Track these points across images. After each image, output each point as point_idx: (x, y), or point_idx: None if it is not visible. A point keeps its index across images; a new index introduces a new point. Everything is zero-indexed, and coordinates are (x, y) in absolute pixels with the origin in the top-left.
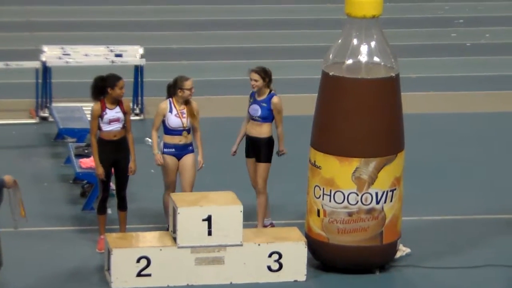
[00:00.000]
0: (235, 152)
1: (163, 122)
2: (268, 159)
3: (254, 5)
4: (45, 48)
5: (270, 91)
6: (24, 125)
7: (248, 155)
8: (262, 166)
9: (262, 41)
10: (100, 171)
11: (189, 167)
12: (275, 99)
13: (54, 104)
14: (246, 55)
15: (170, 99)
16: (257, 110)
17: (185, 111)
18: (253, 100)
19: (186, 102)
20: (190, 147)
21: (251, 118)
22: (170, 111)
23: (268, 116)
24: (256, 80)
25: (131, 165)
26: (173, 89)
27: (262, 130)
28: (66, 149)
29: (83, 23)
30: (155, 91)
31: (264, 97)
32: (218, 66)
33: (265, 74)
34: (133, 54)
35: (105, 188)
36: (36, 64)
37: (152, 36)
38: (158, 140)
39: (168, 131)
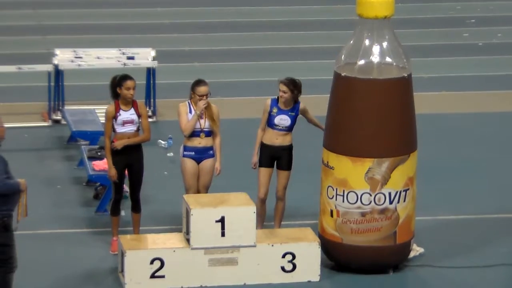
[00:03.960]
0: (256, 163)
1: None
2: (290, 167)
3: (266, 7)
4: (57, 51)
5: (296, 101)
6: (37, 128)
7: (265, 164)
8: (285, 174)
9: (274, 43)
10: (113, 173)
11: (206, 171)
12: (302, 106)
13: (66, 107)
14: (258, 56)
15: (189, 100)
16: (286, 121)
17: (203, 112)
18: (278, 110)
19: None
20: (211, 151)
21: (273, 127)
22: (190, 111)
23: (293, 125)
24: (284, 92)
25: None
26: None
27: (286, 138)
28: (79, 152)
29: (95, 26)
30: (167, 93)
31: (291, 106)
32: (230, 68)
33: (294, 87)
34: (145, 56)
35: (118, 190)
36: (48, 67)
37: (164, 38)
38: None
39: None
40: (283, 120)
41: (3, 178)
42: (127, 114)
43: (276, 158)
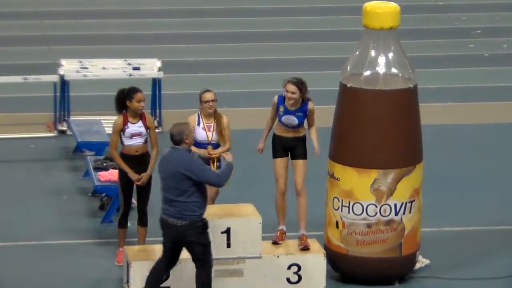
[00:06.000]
0: (262, 149)
1: None
2: (306, 156)
3: (271, 18)
4: (63, 61)
5: (303, 100)
6: (43, 139)
7: (279, 155)
8: (301, 163)
9: (280, 53)
10: (136, 176)
11: None
12: (310, 105)
13: (72, 118)
14: (263, 67)
15: (199, 112)
16: (293, 121)
17: (212, 125)
18: (284, 109)
19: (216, 117)
20: (218, 163)
21: (282, 124)
22: (198, 124)
23: (302, 122)
24: (293, 92)
25: (143, 174)
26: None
27: (298, 131)
28: (85, 162)
29: (100, 37)
30: (173, 104)
31: (298, 106)
32: (235, 78)
33: (302, 85)
34: (151, 67)
35: (127, 202)
36: (54, 78)
37: (169, 49)
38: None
39: (196, 144)
40: (290, 119)
41: (215, 174)
42: (135, 127)
43: (290, 149)
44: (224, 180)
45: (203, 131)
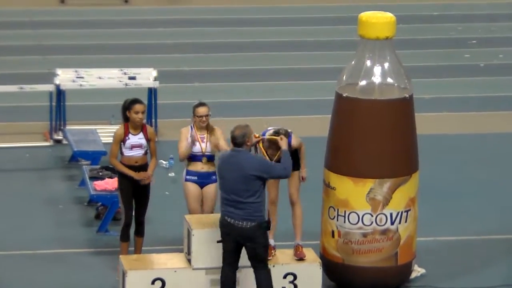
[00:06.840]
0: None
1: None
2: (298, 167)
3: (267, 27)
4: (59, 71)
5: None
6: (38, 148)
7: None
8: (295, 174)
9: (276, 63)
10: (140, 176)
11: (210, 196)
12: (294, 143)
13: (68, 127)
14: (259, 77)
15: (192, 124)
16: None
17: (205, 136)
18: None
19: (209, 128)
20: (214, 177)
21: None
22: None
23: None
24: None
25: (149, 171)
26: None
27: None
28: (80, 172)
29: (96, 46)
30: (168, 113)
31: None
32: (230, 88)
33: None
34: (147, 76)
35: (128, 214)
36: (50, 87)
37: (165, 58)
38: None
39: (190, 157)
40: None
41: (282, 167)
42: (136, 138)
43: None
44: (290, 169)
45: (196, 143)
